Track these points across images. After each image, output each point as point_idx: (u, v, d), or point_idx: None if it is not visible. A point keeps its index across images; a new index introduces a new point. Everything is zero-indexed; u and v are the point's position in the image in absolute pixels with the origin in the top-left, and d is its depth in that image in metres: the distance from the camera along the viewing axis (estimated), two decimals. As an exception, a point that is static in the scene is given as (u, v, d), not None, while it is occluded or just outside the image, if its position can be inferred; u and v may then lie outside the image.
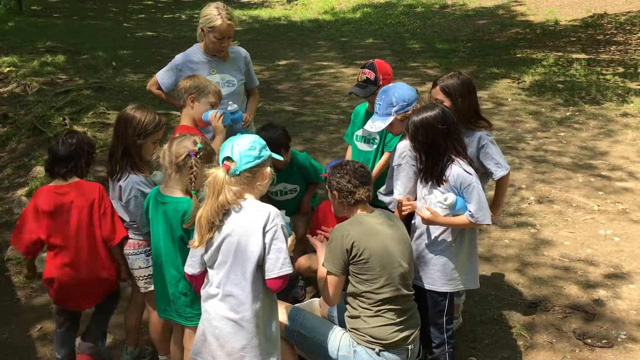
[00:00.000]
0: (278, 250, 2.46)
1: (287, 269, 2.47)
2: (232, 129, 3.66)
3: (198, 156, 2.81)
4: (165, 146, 2.91)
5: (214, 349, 2.55)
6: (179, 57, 4.03)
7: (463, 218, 3.01)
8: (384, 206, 3.44)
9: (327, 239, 3.09)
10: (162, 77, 4.01)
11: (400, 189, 3.21)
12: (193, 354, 2.66)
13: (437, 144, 2.97)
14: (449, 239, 3.09)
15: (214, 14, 3.77)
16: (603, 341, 3.70)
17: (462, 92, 3.23)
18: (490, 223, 3.06)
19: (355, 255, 2.83)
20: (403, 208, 3.19)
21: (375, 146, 3.89)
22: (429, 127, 2.96)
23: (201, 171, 2.81)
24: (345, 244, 2.83)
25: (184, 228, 2.80)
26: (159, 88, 4.03)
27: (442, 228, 3.09)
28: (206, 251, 2.56)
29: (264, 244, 2.45)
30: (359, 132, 3.97)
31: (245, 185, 2.53)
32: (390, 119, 3.27)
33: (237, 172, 2.50)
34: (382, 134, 3.80)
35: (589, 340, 3.70)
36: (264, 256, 2.46)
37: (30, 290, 4.37)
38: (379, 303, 2.87)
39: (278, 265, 2.45)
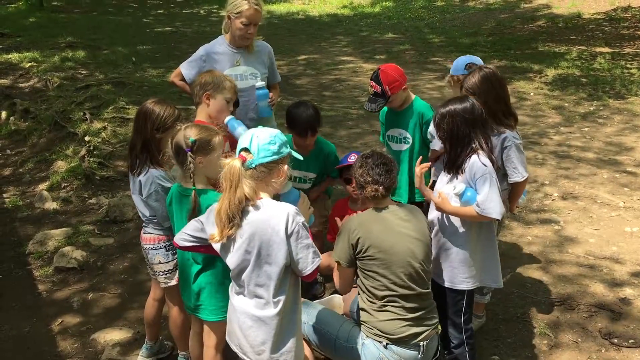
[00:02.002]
0: (306, 247, 2.43)
1: (319, 259, 2.48)
2: (258, 107, 3.76)
3: (194, 149, 2.73)
4: (170, 141, 2.87)
5: (240, 338, 2.58)
6: (202, 49, 4.04)
7: (470, 209, 2.94)
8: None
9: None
10: (186, 68, 4.02)
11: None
12: (227, 335, 2.69)
13: (461, 133, 2.92)
14: (464, 236, 3.02)
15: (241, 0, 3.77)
16: (630, 341, 3.61)
17: (486, 88, 3.20)
18: (499, 218, 2.94)
19: (360, 251, 2.83)
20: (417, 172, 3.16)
21: (407, 145, 3.81)
22: (455, 116, 2.93)
23: (207, 163, 2.75)
24: (351, 239, 2.84)
25: None
26: (183, 79, 4.03)
27: (458, 224, 3.03)
28: (225, 253, 2.51)
29: (290, 248, 2.41)
30: (390, 132, 3.91)
31: (259, 180, 2.43)
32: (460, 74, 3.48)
33: (253, 165, 2.39)
34: (417, 134, 3.76)
35: (616, 340, 3.62)
36: (293, 258, 2.43)
37: (51, 284, 4.39)
38: (384, 299, 2.86)
39: (309, 261, 2.45)
